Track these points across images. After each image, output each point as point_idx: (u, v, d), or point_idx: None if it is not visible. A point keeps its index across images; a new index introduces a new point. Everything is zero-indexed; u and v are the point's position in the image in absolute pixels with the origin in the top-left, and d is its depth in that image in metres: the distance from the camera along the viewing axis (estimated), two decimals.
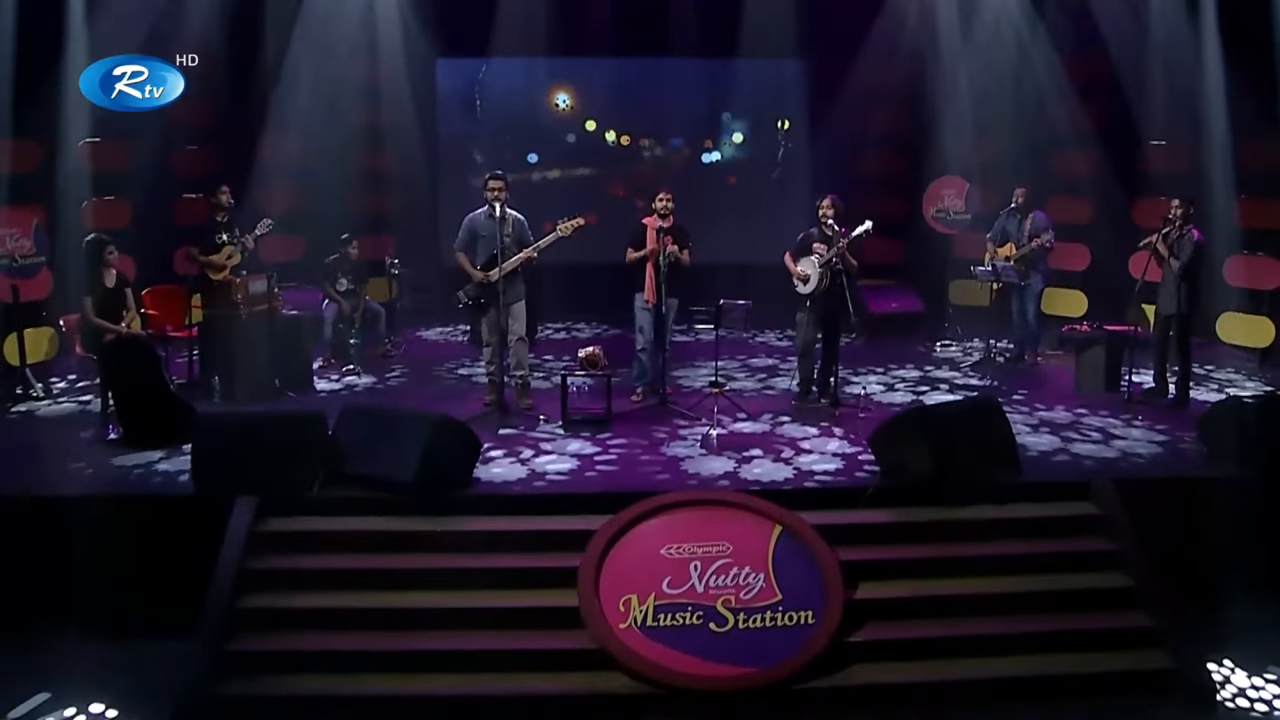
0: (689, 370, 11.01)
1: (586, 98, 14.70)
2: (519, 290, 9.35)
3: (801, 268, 9.37)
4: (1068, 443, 8.39)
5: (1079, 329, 10.25)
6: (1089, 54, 12.27)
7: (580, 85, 14.67)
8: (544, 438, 8.63)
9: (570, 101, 14.66)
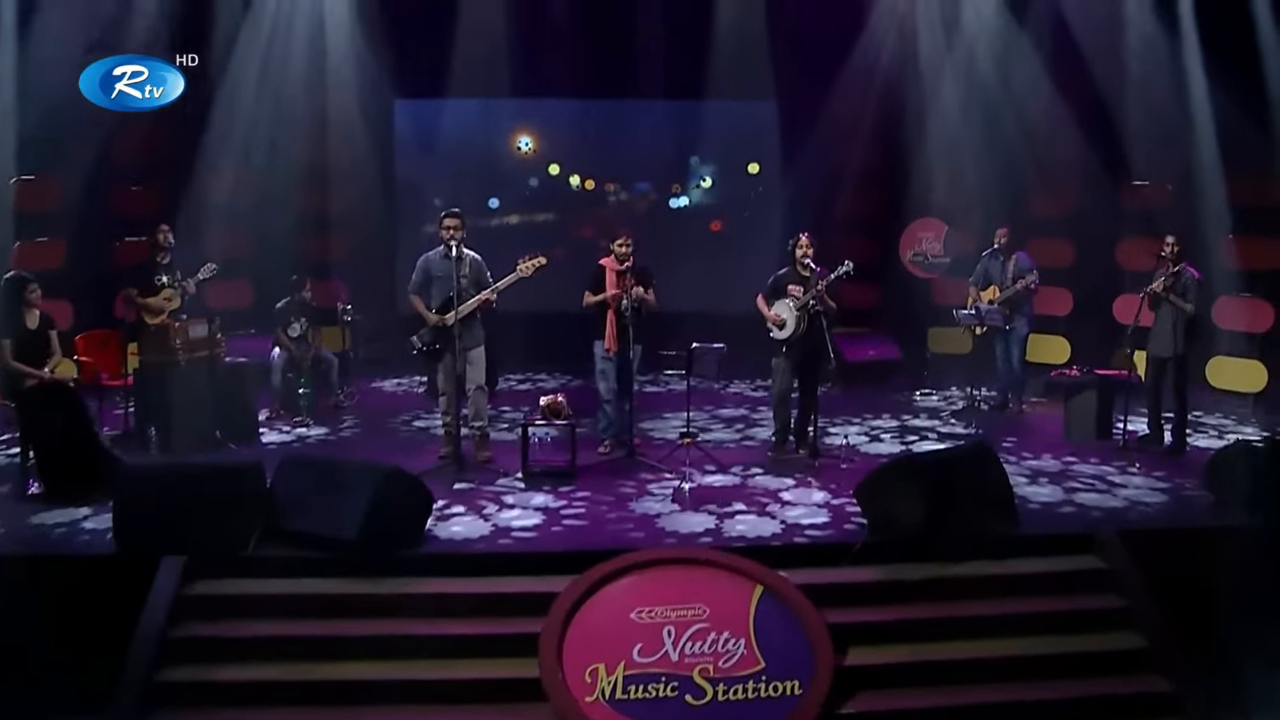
0: (658, 422, 10.42)
1: (549, 141, 14.22)
2: (477, 335, 8.79)
3: (776, 311, 8.86)
4: (1065, 492, 7.88)
5: (1068, 374, 9.78)
6: (1069, 93, 11.92)
7: (543, 128, 14.20)
8: (505, 491, 8.04)
9: (532, 144, 14.19)
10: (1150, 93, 11.20)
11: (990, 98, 12.35)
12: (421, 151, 14.08)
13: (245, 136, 12.44)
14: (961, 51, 12.52)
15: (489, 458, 8.83)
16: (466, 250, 8.73)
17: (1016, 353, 10.69)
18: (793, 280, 8.91)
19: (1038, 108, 12.19)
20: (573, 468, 8.41)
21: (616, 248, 9.03)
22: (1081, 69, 11.68)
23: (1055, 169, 12.32)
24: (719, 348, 8.64)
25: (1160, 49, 11.13)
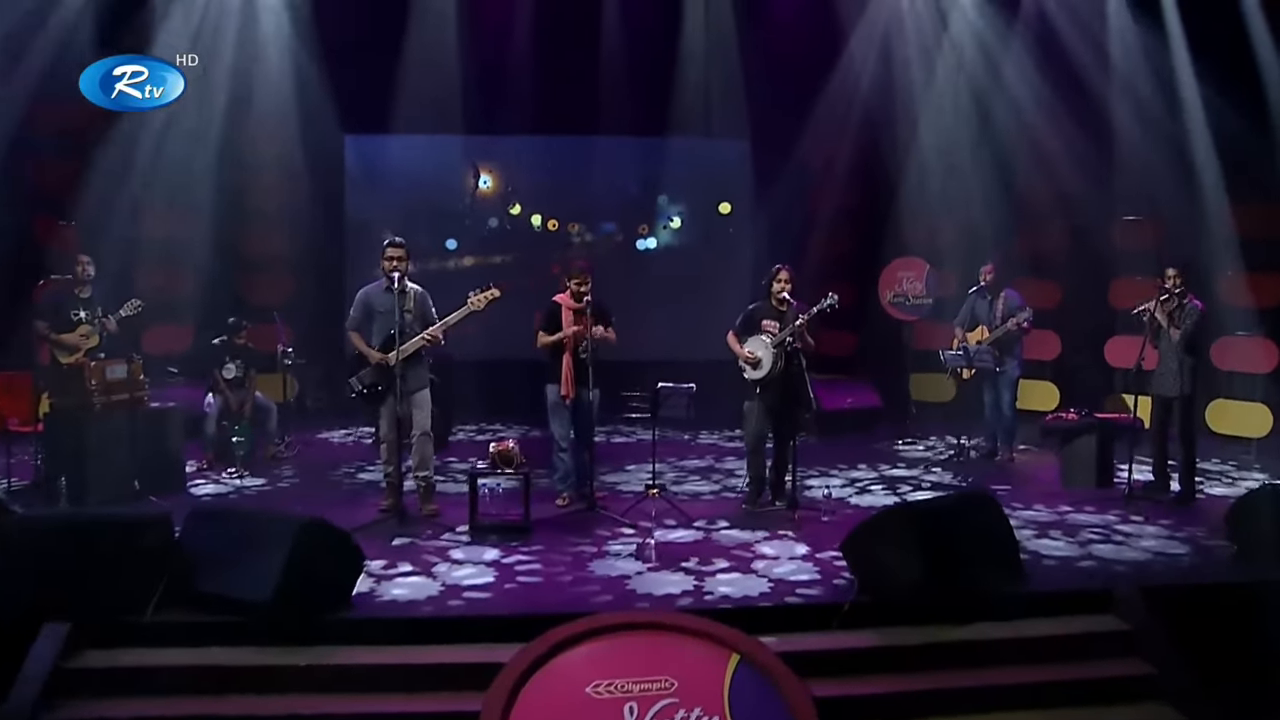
0: (622, 475, 9.61)
1: (510, 179, 13.57)
2: (421, 376, 8.03)
3: (750, 349, 8.13)
4: (1072, 545, 7.12)
5: (1065, 417, 9.06)
6: (1054, 126, 11.36)
7: (503, 165, 13.54)
8: (451, 547, 7.21)
9: (492, 183, 13.49)
10: (1141, 122, 10.67)
11: (972, 132, 11.81)
12: (373, 190, 13.37)
13: (181, 171, 11.75)
14: (942, 85, 11.99)
15: (435, 511, 8.03)
16: (411, 284, 8.01)
17: (1007, 397, 10.00)
18: (768, 315, 8.20)
19: (1021, 141, 11.65)
20: (527, 522, 7.59)
21: (574, 285, 8.29)
22: (1068, 101, 11.13)
23: (1041, 205, 11.75)
24: (688, 387, 7.89)
25: (1151, 75, 10.63)
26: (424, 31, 12.40)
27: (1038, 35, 11.28)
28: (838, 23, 12.22)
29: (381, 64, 12.39)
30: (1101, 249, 11.32)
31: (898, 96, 12.09)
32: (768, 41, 12.49)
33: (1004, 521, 6.35)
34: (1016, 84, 11.51)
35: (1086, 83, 10.97)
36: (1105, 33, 10.94)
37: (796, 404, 8.01)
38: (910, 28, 11.89)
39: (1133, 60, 10.80)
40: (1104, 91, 10.92)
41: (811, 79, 12.51)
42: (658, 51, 12.60)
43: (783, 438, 8.22)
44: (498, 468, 7.68)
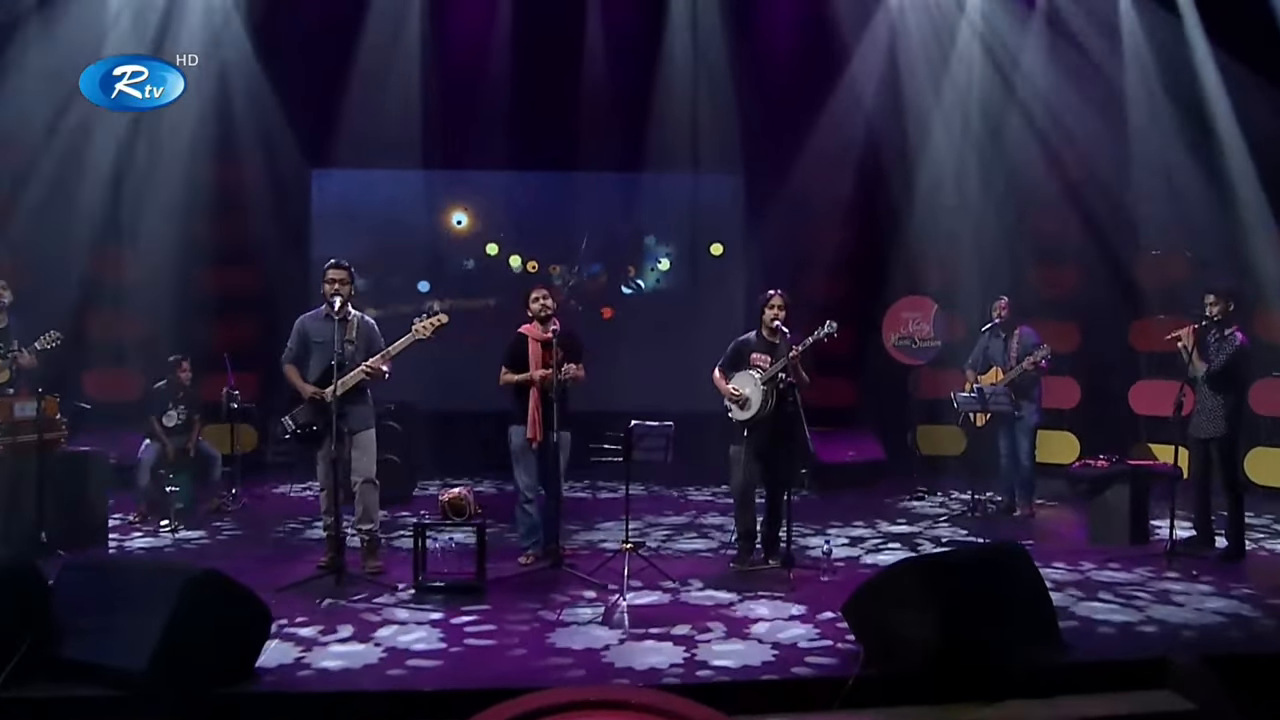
0: (594, 533, 8.60)
1: (487, 217, 12.73)
2: (365, 416, 7.12)
3: (736, 385, 7.20)
4: (1113, 607, 6.12)
5: (1093, 465, 8.08)
6: (1069, 155, 10.55)
7: (480, 203, 12.72)
8: (385, 608, 6.21)
9: (468, 221, 12.65)
10: (1166, 146, 9.86)
11: (983, 162, 10.98)
12: (342, 228, 12.50)
13: (136, 209, 11.03)
14: (949, 111, 11.19)
15: (378, 568, 7.06)
16: (354, 311, 7.15)
17: (1025, 445, 9.04)
18: (758, 348, 7.29)
19: (1036, 171, 10.83)
20: (480, 580, 6.60)
21: (532, 304, 7.38)
22: (1085, 126, 10.33)
23: (1058, 239, 10.90)
24: (665, 426, 6.91)
25: (1176, 94, 9.83)
26: (396, 61, 11.69)
27: (1051, 56, 10.51)
28: (834, 48, 11.51)
29: (352, 95, 11.66)
30: (1124, 286, 10.41)
31: (901, 125, 11.30)
32: (760, 69, 11.75)
33: (1036, 578, 5.36)
34: (1030, 108, 10.73)
35: (1105, 106, 10.16)
36: (1122, 51, 10.17)
37: (790, 448, 7.08)
38: (915, 51, 11.13)
39: (1154, 80, 10.03)
40: (1124, 115, 10.11)
41: (808, 108, 11.78)
42: (643, 81, 11.86)
43: (775, 487, 7.26)
44: (448, 518, 6.69)
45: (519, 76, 11.77)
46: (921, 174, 11.24)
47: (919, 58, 11.16)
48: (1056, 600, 6.09)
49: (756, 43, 11.83)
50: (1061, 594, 6.34)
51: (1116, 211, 10.28)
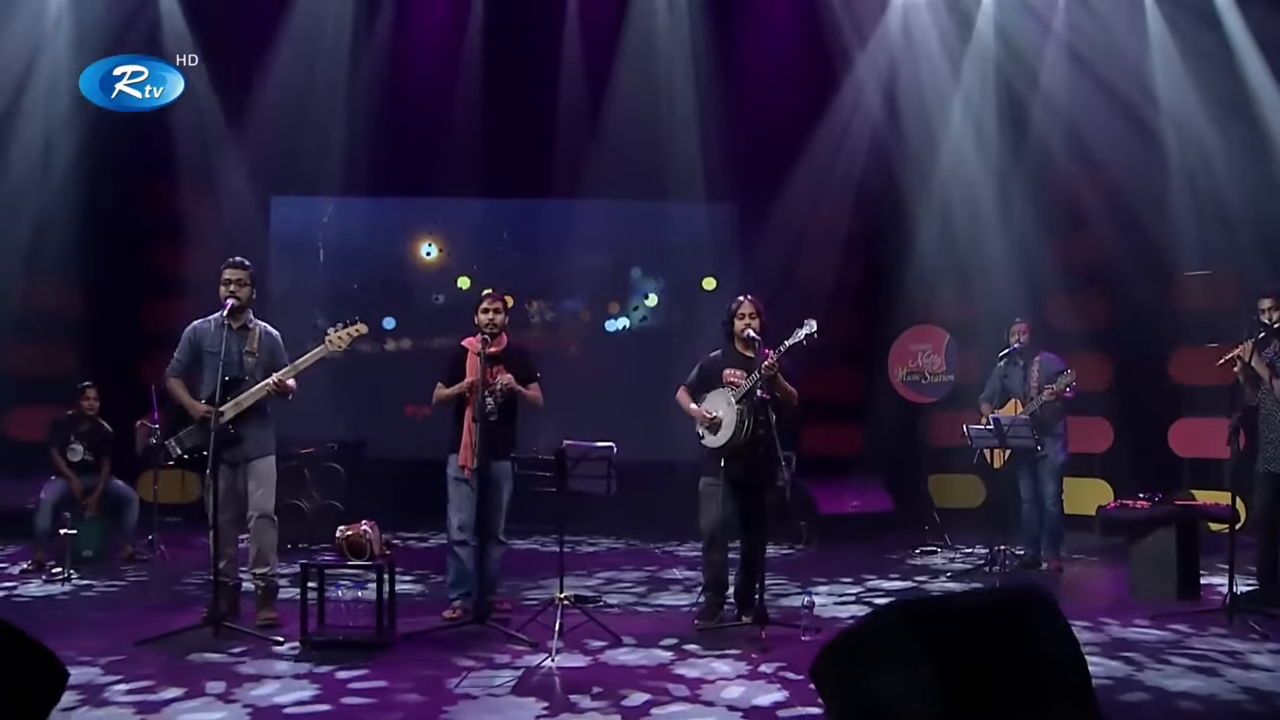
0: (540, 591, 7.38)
1: (458, 248, 11.68)
2: (263, 440, 6.07)
3: (708, 407, 6.05)
4: (1163, 672, 4.89)
5: (1131, 505, 6.83)
6: (1094, 167, 9.44)
7: (451, 232, 11.67)
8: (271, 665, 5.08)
9: (438, 252, 11.63)
10: (1203, 153, 8.73)
11: (998, 180, 9.89)
12: (302, 258, 11.51)
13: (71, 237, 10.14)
14: (959, 130, 10.13)
15: (272, 620, 5.97)
16: (256, 320, 6.11)
17: (1051, 489, 7.82)
18: (731, 363, 6.16)
19: (1058, 189, 9.72)
20: (381, 634, 5.42)
21: (480, 314, 6.29)
22: (1112, 138, 9.23)
23: (1083, 263, 9.73)
24: (605, 448, 5.74)
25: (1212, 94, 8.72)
26: (361, 80, 10.80)
27: (1071, 62, 9.45)
28: (834, 65, 10.48)
29: (314, 116, 10.73)
30: (1162, 313, 9.21)
31: (907, 144, 10.24)
32: (754, 88, 10.70)
33: (1066, 633, 4.11)
34: (1052, 120, 9.64)
35: (1132, 112, 9.08)
36: (1150, 51, 9.09)
37: (768, 478, 5.88)
38: (921, 64, 10.11)
39: (1184, 79, 8.94)
40: (1154, 122, 9.02)
41: (806, 129, 10.71)
42: (626, 103, 10.83)
43: (752, 528, 6.06)
44: (346, 559, 5.54)
45: (492, 98, 10.83)
46: (932, 194, 10.13)
47: (926, 70, 10.12)
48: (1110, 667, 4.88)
49: (750, 60, 10.81)
50: (1112, 659, 5.11)
51: (1152, 230, 9.11)
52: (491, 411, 6.19)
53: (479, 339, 6.30)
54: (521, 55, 10.85)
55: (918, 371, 9.73)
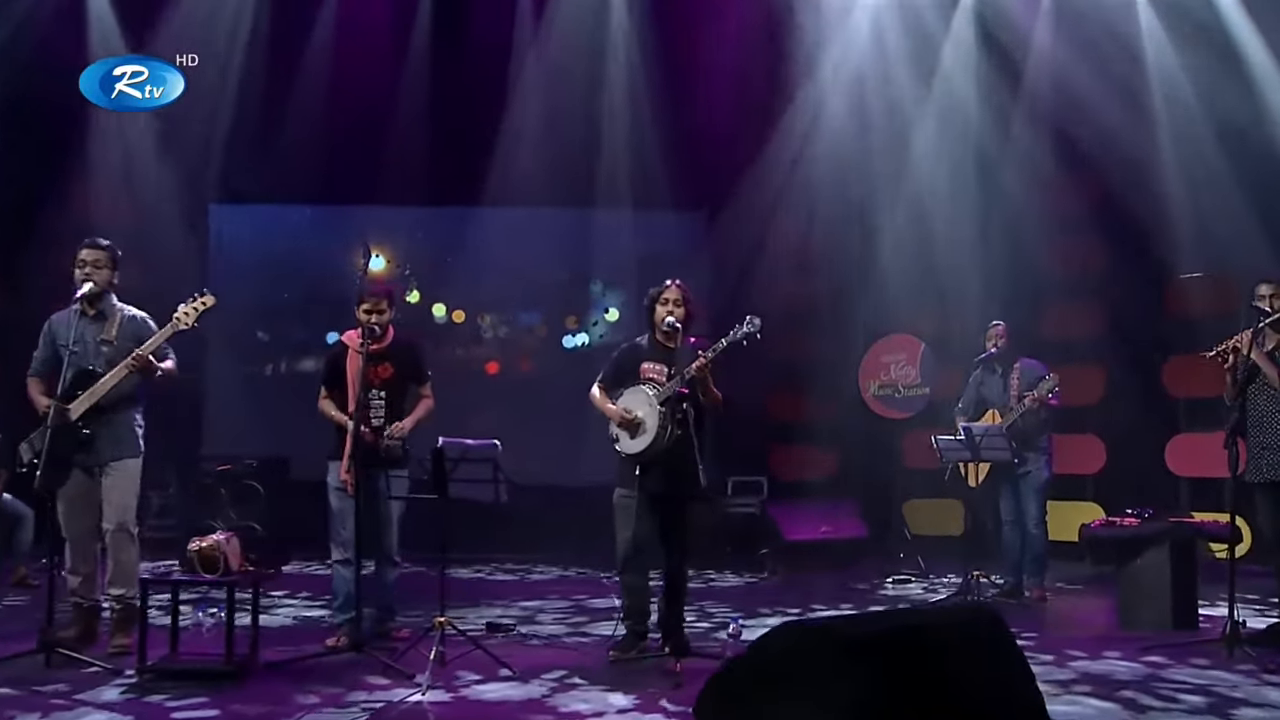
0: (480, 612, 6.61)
1: (408, 259, 10.98)
2: (122, 440, 5.36)
3: (626, 405, 5.29)
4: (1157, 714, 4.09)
5: (1118, 523, 6.01)
6: (1079, 166, 8.72)
7: (400, 243, 10.97)
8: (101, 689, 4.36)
9: (386, 264, 10.93)
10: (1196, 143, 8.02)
11: (979, 180, 9.16)
12: (242, 268, 10.81)
13: None
14: (934, 127, 9.41)
15: (125, 646, 5.15)
16: (121, 305, 5.44)
17: (1034, 510, 7.00)
18: (651, 356, 5.41)
19: (1043, 190, 8.99)
20: (231, 663, 4.64)
21: (363, 314, 5.59)
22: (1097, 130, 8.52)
23: (1070, 269, 8.98)
24: (488, 446, 4.98)
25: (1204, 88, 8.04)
26: (302, 81, 10.16)
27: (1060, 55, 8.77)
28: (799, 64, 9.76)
29: (255, 117, 10.11)
30: (1155, 320, 8.44)
31: (879, 142, 9.52)
32: (718, 89, 9.99)
33: (1020, 667, 3.31)
34: (1036, 116, 8.95)
35: (1124, 105, 8.37)
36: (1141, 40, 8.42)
37: (690, 490, 5.11)
38: (893, 56, 9.41)
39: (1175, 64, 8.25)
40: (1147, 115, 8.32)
41: (774, 132, 10.00)
42: (586, 106, 10.15)
43: (674, 547, 5.29)
44: (196, 574, 4.76)
45: (442, 101, 10.15)
46: (908, 197, 9.39)
47: (897, 62, 9.42)
48: (1104, 709, 4.08)
49: (713, 63, 10.11)
50: (1107, 700, 4.31)
51: (1144, 232, 8.37)
52: (376, 416, 5.50)
53: (359, 332, 5.60)
54: (474, 55, 10.16)
55: (890, 385, 8.95)
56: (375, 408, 5.60)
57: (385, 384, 5.67)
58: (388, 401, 5.66)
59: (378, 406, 5.60)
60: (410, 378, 5.78)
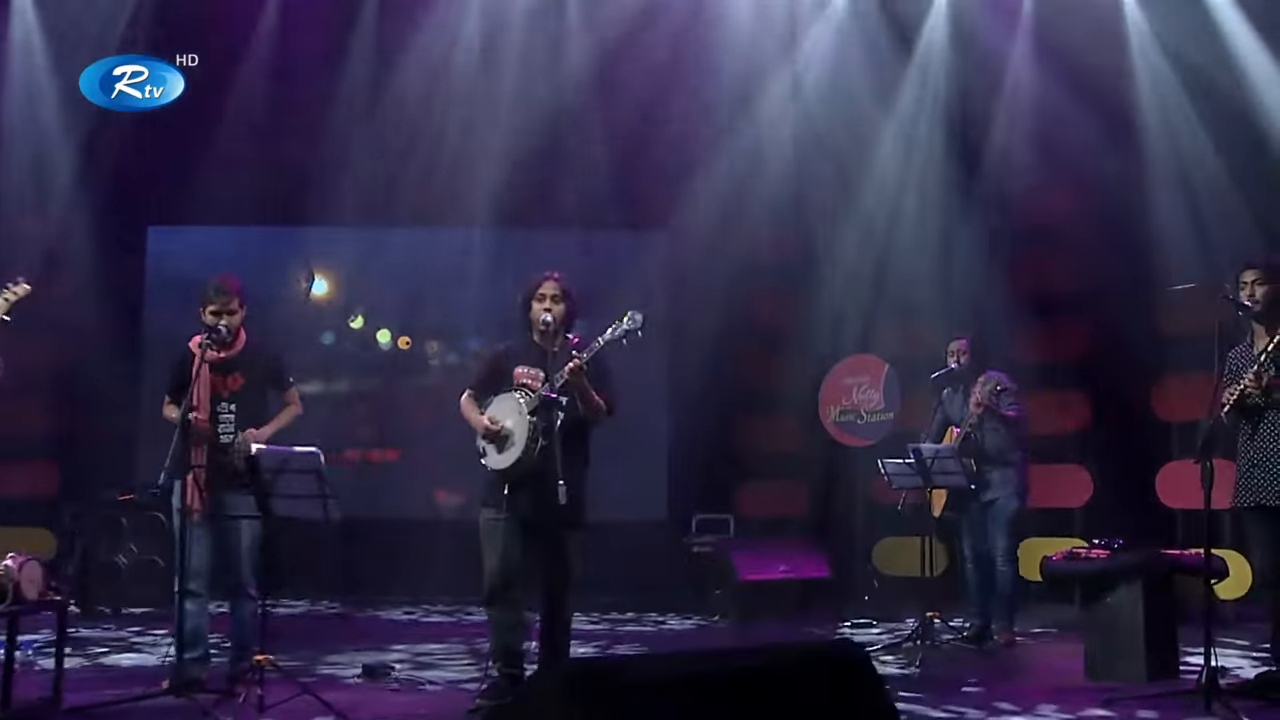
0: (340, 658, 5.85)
1: (351, 283, 10.34)
2: None
3: (494, 415, 4.58)
4: None
5: (1084, 555, 5.20)
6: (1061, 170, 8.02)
7: (343, 265, 10.34)
8: None
9: (328, 289, 10.31)
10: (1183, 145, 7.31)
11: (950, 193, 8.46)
12: (181, 294, 10.11)
13: None
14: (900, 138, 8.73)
15: None
16: None
17: (1001, 542, 6.22)
18: (525, 359, 4.72)
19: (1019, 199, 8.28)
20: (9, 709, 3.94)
21: (208, 315, 5.00)
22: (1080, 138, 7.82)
23: (1052, 287, 8.23)
24: (308, 453, 4.27)
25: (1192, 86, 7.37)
26: (240, 96, 9.63)
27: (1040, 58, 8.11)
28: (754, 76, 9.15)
29: (193, 138, 9.58)
30: (1142, 336, 7.65)
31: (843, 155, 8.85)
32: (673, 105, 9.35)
33: (876, 713, 2.55)
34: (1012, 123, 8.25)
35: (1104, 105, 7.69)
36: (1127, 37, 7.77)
37: (570, 513, 4.41)
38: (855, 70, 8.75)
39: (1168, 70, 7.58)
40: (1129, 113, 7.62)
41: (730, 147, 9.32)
42: (535, 121, 9.51)
43: (552, 579, 4.56)
44: None
45: (387, 119, 9.56)
46: (870, 209, 8.69)
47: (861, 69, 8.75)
48: None
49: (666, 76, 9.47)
50: None
51: (1130, 241, 7.64)
52: (225, 432, 4.89)
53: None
54: (418, 72, 9.59)
55: (853, 410, 8.17)
56: (224, 423, 4.95)
57: (235, 397, 5.03)
58: (238, 414, 5.00)
59: (227, 421, 4.96)
60: (269, 386, 5.16)
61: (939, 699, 4.66)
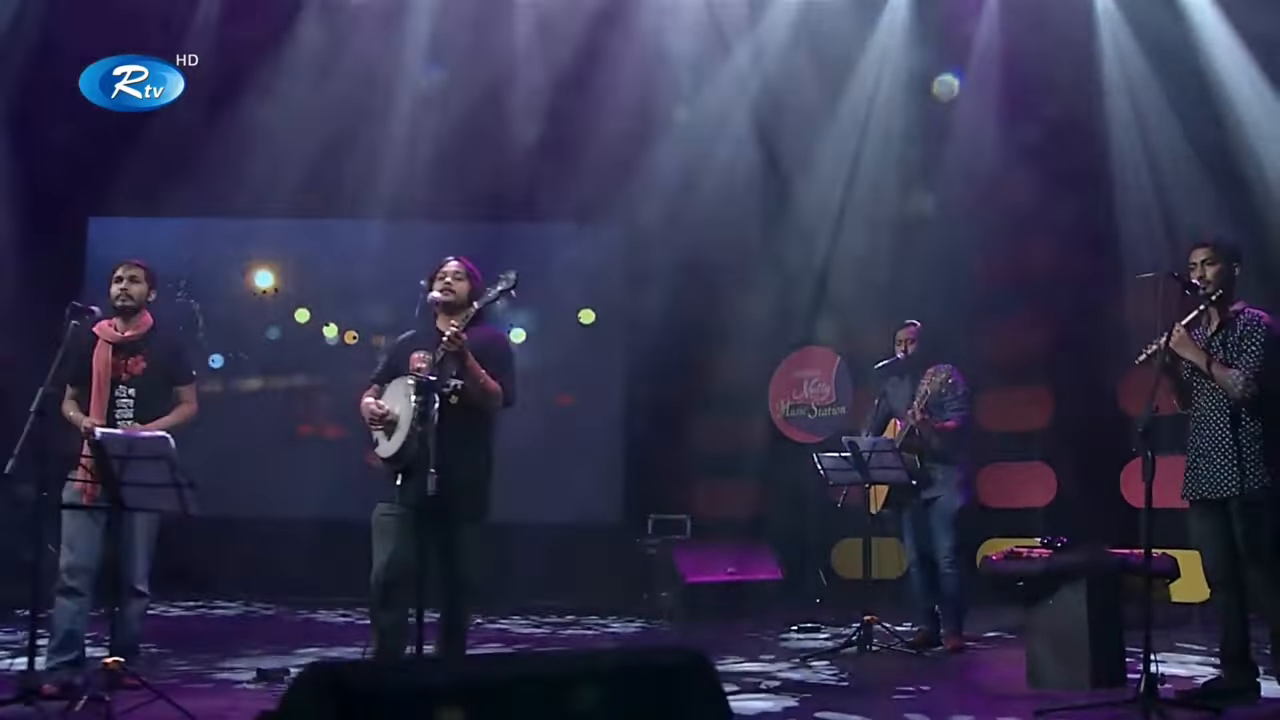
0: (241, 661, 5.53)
1: (296, 277, 10.04)
2: None
3: (386, 400, 4.26)
4: None
5: (1024, 554, 4.85)
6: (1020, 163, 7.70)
7: (289, 259, 10.03)
8: None
9: (274, 282, 9.98)
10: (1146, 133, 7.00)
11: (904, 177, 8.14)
12: None
13: None
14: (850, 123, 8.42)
15: None
16: None
17: (944, 542, 5.87)
18: (423, 343, 4.38)
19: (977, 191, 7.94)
20: None
21: (113, 285, 4.94)
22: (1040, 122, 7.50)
23: (1011, 278, 7.90)
24: (158, 439, 3.93)
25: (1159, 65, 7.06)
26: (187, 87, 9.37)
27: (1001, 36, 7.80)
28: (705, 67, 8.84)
29: (134, 126, 9.28)
30: (1106, 327, 7.31)
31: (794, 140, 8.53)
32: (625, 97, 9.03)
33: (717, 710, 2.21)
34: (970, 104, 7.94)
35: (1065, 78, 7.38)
36: None
37: (467, 506, 4.09)
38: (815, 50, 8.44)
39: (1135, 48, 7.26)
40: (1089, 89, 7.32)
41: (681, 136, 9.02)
42: (488, 112, 9.20)
43: (448, 579, 4.24)
44: None
45: (332, 107, 9.25)
46: (824, 196, 8.36)
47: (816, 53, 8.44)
48: None
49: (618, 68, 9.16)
50: None
51: (1095, 228, 7.33)
52: (123, 419, 4.66)
53: (115, 322, 4.68)
54: (364, 59, 9.29)
55: (803, 404, 7.84)
56: (122, 407, 4.69)
57: (136, 381, 4.78)
58: (138, 401, 4.75)
59: (125, 406, 4.71)
60: (169, 376, 4.88)
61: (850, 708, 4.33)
